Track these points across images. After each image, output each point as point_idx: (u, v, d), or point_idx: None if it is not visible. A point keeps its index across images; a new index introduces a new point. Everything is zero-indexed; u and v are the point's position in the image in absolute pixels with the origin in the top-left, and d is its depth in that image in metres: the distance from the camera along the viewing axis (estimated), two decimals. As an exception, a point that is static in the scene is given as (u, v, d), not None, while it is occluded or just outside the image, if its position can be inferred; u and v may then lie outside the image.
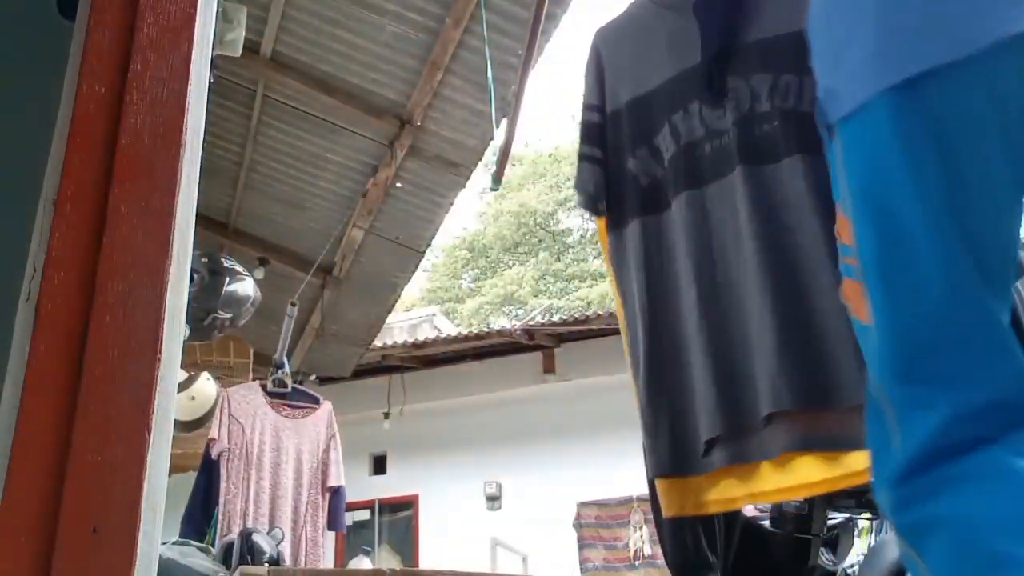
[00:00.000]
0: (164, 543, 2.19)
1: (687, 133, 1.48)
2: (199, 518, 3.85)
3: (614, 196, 1.59)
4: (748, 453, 1.38)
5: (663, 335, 1.46)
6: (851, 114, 0.85)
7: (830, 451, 1.33)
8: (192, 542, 2.55)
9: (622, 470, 5.79)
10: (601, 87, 1.60)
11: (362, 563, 6.51)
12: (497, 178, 3.33)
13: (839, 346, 1.30)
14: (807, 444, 1.33)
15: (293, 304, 4.48)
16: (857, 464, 1.29)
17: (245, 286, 4.20)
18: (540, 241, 21.59)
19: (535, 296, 19.54)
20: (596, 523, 7.86)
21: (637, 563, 7.60)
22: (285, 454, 3.95)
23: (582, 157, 1.58)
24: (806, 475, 1.36)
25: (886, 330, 0.84)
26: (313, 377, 7.19)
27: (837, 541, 2.08)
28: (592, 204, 1.59)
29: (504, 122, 3.99)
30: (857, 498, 1.71)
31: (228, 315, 4.11)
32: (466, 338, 8.85)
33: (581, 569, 7.77)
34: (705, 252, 1.44)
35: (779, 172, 1.38)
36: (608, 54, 1.61)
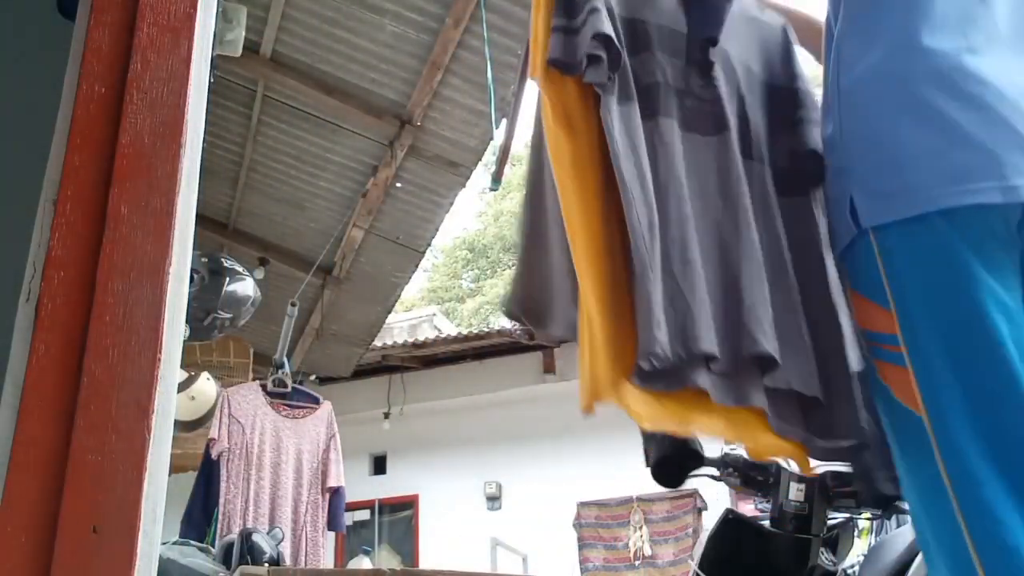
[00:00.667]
0: (164, 543, 2.19)
1: (676, 79, 1.46)
2: (199, 518, 3.85)
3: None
4: (718, 391, 1.28)
5: (669, 229, 1.30)
6: (900, 223, 1.03)
7: (785, 426, 1.32)
8: (192, 542, 2.55)
9: (622, 470, 5.79)
10: None
11: (362, 563, 6.51)
12: (497, 178, 3.32)
13: (806, 337, 1.33)
14: (763, 404, 1.30)
15: (293, 304, 4.48)
16: (779, 448, 1.32)
17: (245, 286, 4.20)
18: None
19: (535, 296, 19.49)
20: (596, 523, 7.86)
21: (637, 563, 7.60)
22: (285, 454, 3.95)
23: (593, 10, 1.33)
24: (751, 434, 1.32)
25: (961, 427, 0.99)
26: (313, 377, 7.19)
27: (837, 541, 2.07)
28: (614, 54, 1.30)
29: (504, 122, 3.99)
30: (857, 498, 1.71)
31: (228, 315, 4.11)
32: (466, 338, 8.85)
33: (581, 569, 7.78)
34: (706, 189, 1.40)
35: (753, 168, 1.45)
36: None
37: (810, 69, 1.66)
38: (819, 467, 2.03)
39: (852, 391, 1.30)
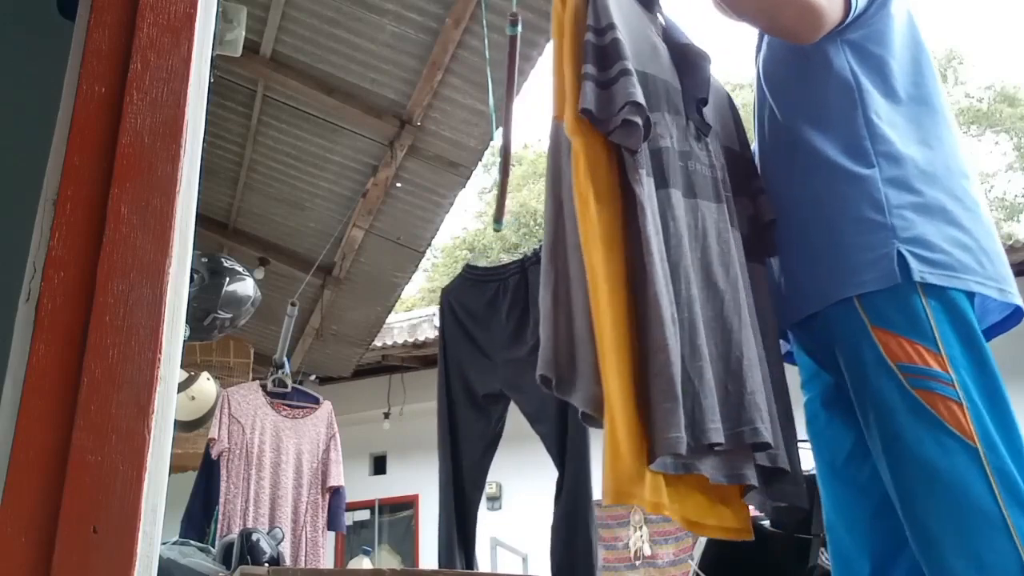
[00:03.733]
0: (164, 543, 2.19)
1: (678, 140, 1.47)
2: (199, 518, 3.85)
3: None
4: (715, 471, 1.33)
5: (681, 311, 1.32)
6: (953, 296, 1.33)
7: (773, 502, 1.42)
8: (192, 542, 2.55)
9: (622, 470, 5.77)
10: (618, 16, 1.44)
11: (362, 563, 6.51)
12: (498, 218, 3.22)
13: (775, 411, 1.40)
14: (755, 482, 1.37)
15: (293, 304, 4.48)
16: (736, 521, 1.42)
17: (245, 286, 4.20)
18: (540, 241, 21.57)
19: (535, 296, 19.49)
20: (596, 523, 7.85)
21: (637, 563, 7.60)
22: (285, 454, 3.95)
23: (625, 72, 1.35)
24: (715, 515, 1.40)
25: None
26: (313, 377, 7.19)
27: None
28: (648, 122, 1.36)
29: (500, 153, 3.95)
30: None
31: (228, 315, 4.11)
32: (466, 338, 8.82)
33: (581, 569, 7.76)
34: (708, 262, 1.41)
35: (737, 238, 1.50)
36: (614, 2, 1.47)
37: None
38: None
39: (796, 455, 1.44)
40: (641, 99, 1.32)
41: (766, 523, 2.14)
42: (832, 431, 1.52)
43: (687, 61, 1.53)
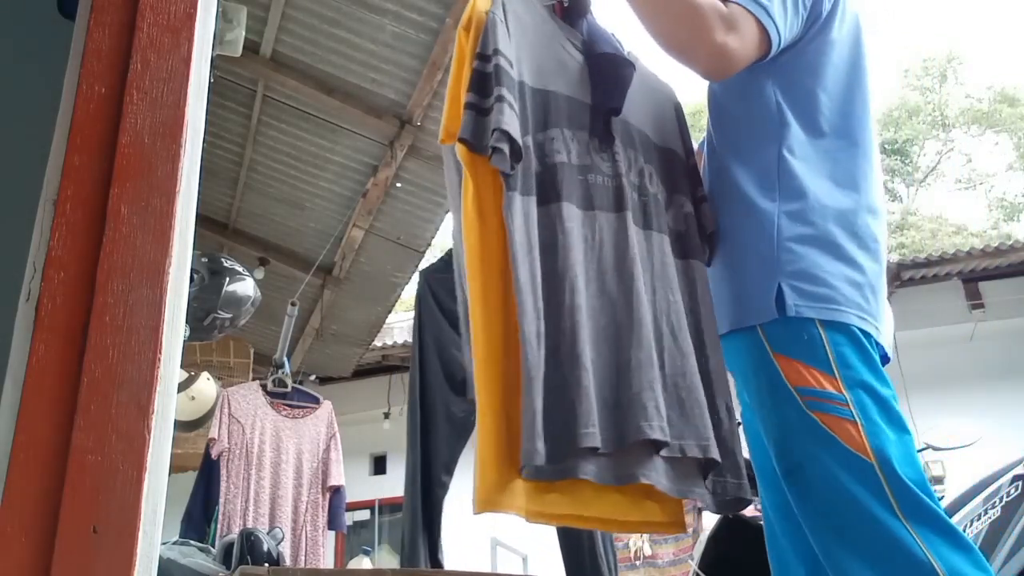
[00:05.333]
0: (164, 543, 2.19)
1: (578, 155, 1.50)
2: (199, 518, 3.85)
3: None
4: (603, 473, 1.36)
5: (562, 320, 1.36)
6: (843, 324, 1.38)
7: (668, 494, 1.44)
8: (192, 542, 2.55)
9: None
10: (508, 44, 1.45)
11: (362, 563, 6.51)
12: None
13: (700, 405, 1.44)
14: (655, 480, 1.40)
15: (293, 304, 4.48)
16: (664, 514, 1.48)
17: (245, 286, 4.20)
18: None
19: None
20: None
21: (637, 563, 7.60)
22: (285, 454, 3.95)
23: (500, 99, 1.37)
24: (639, 511, 1.45)
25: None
26: (313, 377, 7.19)
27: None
28: (515, 148, 1.37)
29: None
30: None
31: (228, 315, 4.11)
32: (466, 338, 8.82)
33: (581, 569, 7.76)
34: (603, 269, 1.45)
35: (652, 239, 1.54)
36: (513, 20, 1.49)
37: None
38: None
39: (738, 449, 1.48)
40: (510, 126, 1.35)
41: (766, 523, 2.14)
42: (763, 441, 1.54)
43: (604, 71, 1.57)
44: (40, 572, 0.72)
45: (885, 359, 1.50)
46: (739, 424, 1.54)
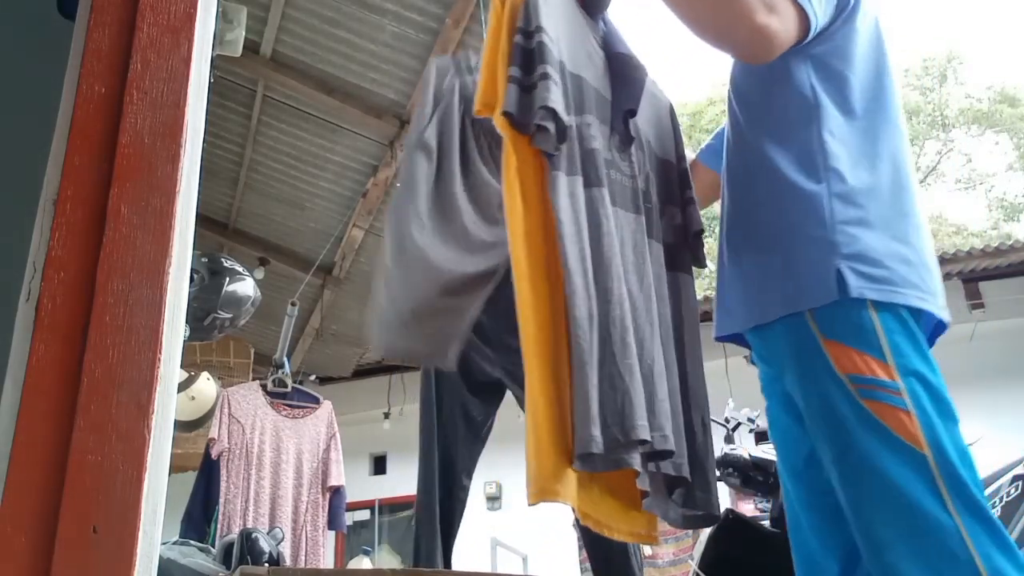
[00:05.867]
0: (164, 543, 2.19)
1: (603, 148, 1.48)
2: (199, 518, 3.85)
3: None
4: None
5: (611, 307, 1.33)
6: (895, 307, 1.36)
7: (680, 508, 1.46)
8: (192, 542, 2.54)
9: (622, 470, 5.77)
10: (551, 23, 1.43)
11: (362, 563, 6.50)
12: None
13: (679, 422, 1.43)
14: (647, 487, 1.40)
15: (293, 304, 4.48)
16: (646, 526, 1.46)
17: (245, 286, 4.20)
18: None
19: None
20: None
21: (637, 563, 7.59)
22: (285, 454, 3.95)
23: (545, 76, 1.35)
24: (627, 521, 1.44)
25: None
26: (313, 377, 7.18)
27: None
28: (560, 127, 1.36)
29: None
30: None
31: (228, 315, 4.11)
32: (466, 338, 8.81)
33: (581, 569, 7.77)
34: (627, 270, 1.43)
35: (652, 248, 1.53)
36: (550, 5, 1.47)
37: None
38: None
39: (711, 464, 1.48)
40: (556, 104, 1.33)
41: (766, 523, 2.14)
42: (793, 435, 1.53)
43: (622, 71, 1.56)
44: (40, 572, 0.72)
45: (942, 327, 1.49)
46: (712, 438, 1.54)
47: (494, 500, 8.79)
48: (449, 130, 1.66)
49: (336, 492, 4.06)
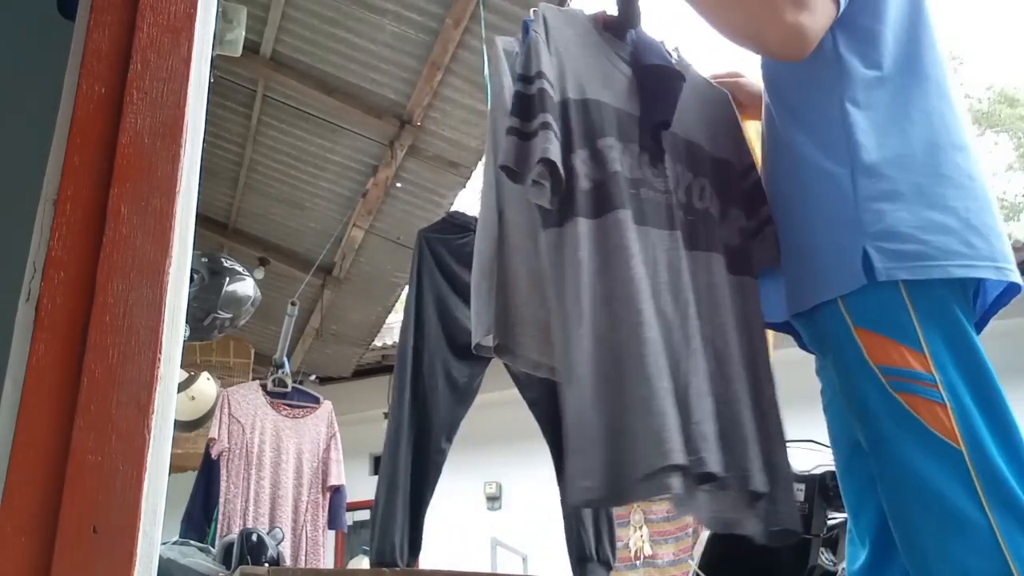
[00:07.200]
0: (164, 543, 2.19)
1: (630, 168, 1.46)
2: (199, 518, 3.85)
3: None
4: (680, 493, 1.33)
5: (626, 340, 1.31)
6: (933, 285, 1.27)
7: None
8: (192, 542, 2.55)
9: (622, 470, 5.76)
10: (550, 64, 1.43)
11: (362, 563, 6.50)
12: None
13: (744, 434, 1.40)
14: (697, 511, 1.42)
15: (293, 304, 4.48)
16: None
17: (245, 286, 4.20)
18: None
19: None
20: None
21: (637, 563, 7.60)
22: (285, 454, 3.95)
23: (545, 125, 1.35)
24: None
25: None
26: (313, 377, 7.18)
27: (837, 541, 2.08)
28: (558, 175, 1.35)
29: None
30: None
31: (228, 315, 4.11)
32: (466, 338, 8.81)
33: (581, 569, 7.76)
34: (659, 291, 1.41)
35: (698, 259, 1.49)
36: (556, 34, 1.47)
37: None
38: (819, 467, 2.03)
39: (790, 476, 1.43)
40: (555, 156, 1.32)
41: (766, 523, 2.13)
42: (841, 419, 1.49)
43: (652, 84, 1.53)
44: (40, 572, 0.72)
45: (1015, 290, 1.38)
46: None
47: (494, 500, 8.78)
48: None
49: (336, 492, 4.06)
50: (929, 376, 1.25)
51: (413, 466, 2.58)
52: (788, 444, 1.47)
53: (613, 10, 1.61)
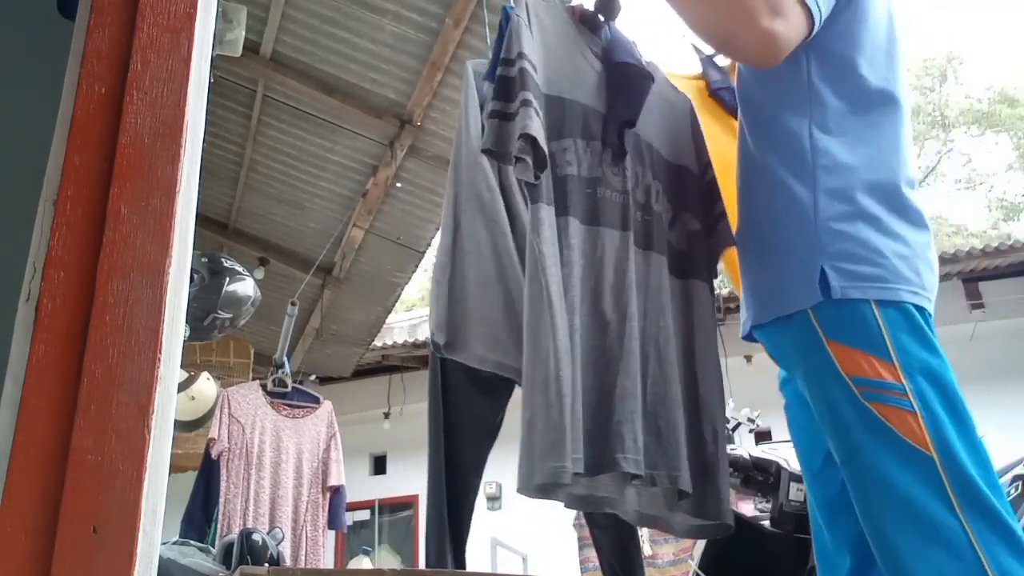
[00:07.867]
0: (164, 543, 2.19)
1: (589, 167, 1.47)
2: (199, 518, 3.85)
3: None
4: (571, 502, 1.43)
5: (541, 340, 1.34)
6: (897, 303, 1.32)
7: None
8: (192, 542, 2.54)
9: (622, 470, 5.77)
10: (532, 48, 1.44)
11: (362, 563, 6.50)
12: None
13: (677, 435, 1.44)
14: (620, 510, 1.47)
15: (293, 304, 4.48)
16: None
17: (245, 286, 4.20)
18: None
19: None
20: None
21: (637, 563, 7.59)
22: (285, 454, 3.95)
23: (526, 103, 1.34)
24: None
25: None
26: (313, 377, 7.19)
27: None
28: (540, 156, 1.35)
29: None
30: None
31: (228, 315, 4.11)
32: (466, 338, 8.81)
33: (581, 569, 7.76)
34: (600, 290, 1.43)
35: (651, 259, 1.53)
36: (535, 22, 1.47)
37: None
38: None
39: (722, 472, 1.48)
40: (536, 131, 1.32)
41: (766, 523, 2.14)
42: (810, 432, 1.52)
43: (621, 82, 1.54)
44: (40, 572, 0.72)
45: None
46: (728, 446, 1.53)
47: (494, 500, 8.78)
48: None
49: (336, 492, 4.06)
50: (899, 385, 1.29)
51: (450, 505, 2.75)
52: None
53: (590, 5, 1.62)
